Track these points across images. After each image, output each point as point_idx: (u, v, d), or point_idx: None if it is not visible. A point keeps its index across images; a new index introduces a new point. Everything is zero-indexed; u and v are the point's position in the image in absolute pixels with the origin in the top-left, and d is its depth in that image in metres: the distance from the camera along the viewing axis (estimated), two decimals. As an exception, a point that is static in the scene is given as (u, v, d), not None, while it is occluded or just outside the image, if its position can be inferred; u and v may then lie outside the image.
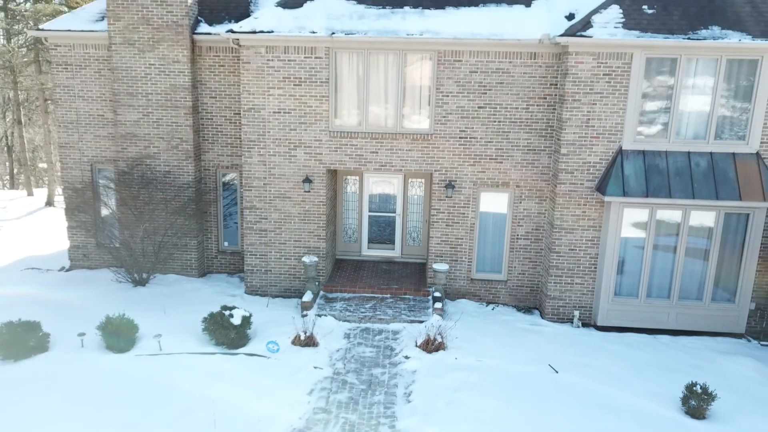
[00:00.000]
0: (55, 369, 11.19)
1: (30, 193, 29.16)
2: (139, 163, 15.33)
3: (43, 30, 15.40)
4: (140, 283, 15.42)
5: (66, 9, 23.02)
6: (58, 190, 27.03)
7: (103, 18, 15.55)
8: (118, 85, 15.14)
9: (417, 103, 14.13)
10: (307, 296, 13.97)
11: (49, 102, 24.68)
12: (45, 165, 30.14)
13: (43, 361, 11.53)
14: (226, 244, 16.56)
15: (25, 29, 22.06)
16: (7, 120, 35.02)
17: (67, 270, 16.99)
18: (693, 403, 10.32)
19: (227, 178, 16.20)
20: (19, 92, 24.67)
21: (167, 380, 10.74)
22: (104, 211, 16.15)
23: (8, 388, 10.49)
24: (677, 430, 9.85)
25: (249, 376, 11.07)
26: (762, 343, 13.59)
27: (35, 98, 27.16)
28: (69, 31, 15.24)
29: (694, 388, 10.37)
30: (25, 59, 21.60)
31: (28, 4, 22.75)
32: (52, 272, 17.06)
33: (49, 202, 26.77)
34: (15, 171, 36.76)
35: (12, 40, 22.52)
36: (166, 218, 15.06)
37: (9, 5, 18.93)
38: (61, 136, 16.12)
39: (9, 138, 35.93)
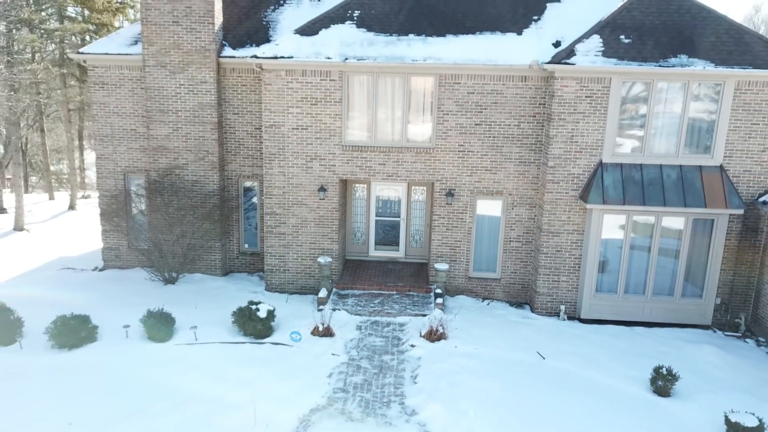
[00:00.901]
0: (105, 357, 12.72)
1: (51, 197, 30.66)
2: (170, 173, 16.86)
3: (83, 53, 16.93)
4: (170, 281, 16.96)
5: (91, 26, 24.50)
6: (79, 194, 28.52)
7: (136, 42, 17.09)
8: (151, 102, 16.68)
9: (420, 120, 15.71)
10: (323, 293, 15.53)
11: (71, 112, 26.15)
12: (67, 171, 31.53)
13: (94, 350, 13.06)
14: (246, 246, 18.11)
15: (65, 50, 23.46)
16: (22, 126, 36.44)
17: (101, 269, 18.49)
18: (659, 383, 11.92)
19: (247, 186, 17.75)
20: (42, 104, 26.08)
21: (206, 365, 12.30)
22: (136, 216, 17.68)
23: (65, 373, 12.01)
24: (644, 406, 11.47)
25: (276, 362, 12.62)
26: (726, 333, 15.19)
27: (55, 110, 28.59)
28: (106, 54, 16.78)
29: (661, 371, 11.97)
30: (53, 75, 23.01)
31: (56, 23, 24.20)
32: (86, 272, 18.56)
33: (72, 206, 28.26)
34: (30, 176, 38.18)
35: (37, 56, 23.92)
36: (194, 223, 16.59)
37: (41, 24, 20.34)
38: (97, 148, 17.65)
39: (23, 143, 37.35)
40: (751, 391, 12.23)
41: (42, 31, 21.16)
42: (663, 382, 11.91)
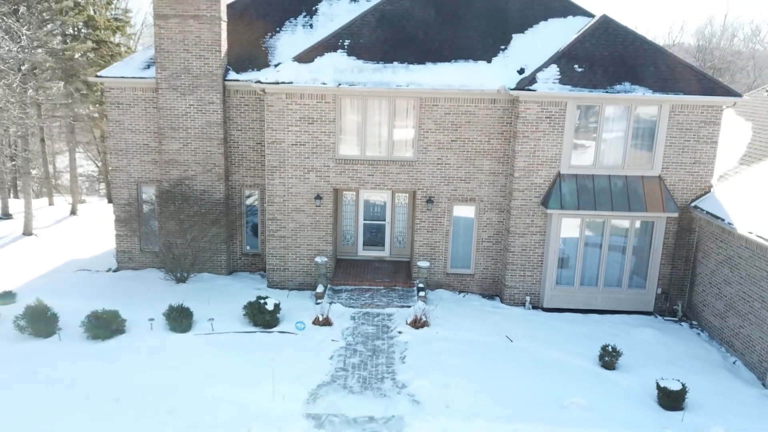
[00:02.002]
0: (136, 345, 14.60)
1: (51, 203, 32.00)
2: (180, 184, 18.69)
3: (101, 77, 18.67)
4: (181, 280, 18.79)
5: (92, 44, 25.99)
6: (83, 199, 29.96)
7: (148, 66, 18.87)
8: (163, 121, 18.50)
9: (404, 137, 17.84)
10: (320, 288, 17.56)
11: (74, 124, 27.62)
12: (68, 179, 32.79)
13: (125, 340, 14.91)
14: (248, 248, 20.03)
15: (83, 74, 24.94)
16: (11, 132, 37.55)
17: (115, 270, 20.21)
18: (606, 358, 14.25)
19: (249, 194, 19.66)
20: (43, 116, 27.45)
21: (225, 350, 14.27)
22: (149, 222, 19.44)
23: (97, 360, 13.81)
24: (593, 377, 13.79)
25: (285, 347, 14.63)
26: (665, 318, 17.62)
27: (58, 123, 29.98)
28: (122, 78, 18.54)
29: (607, 348, 14.31)
30: (62, 91, 24.47)
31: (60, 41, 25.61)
32: (101, 273, 20.25)
33: (73, 211, 29.72)
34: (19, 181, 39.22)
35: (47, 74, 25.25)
36: (204, 228, 18.45)
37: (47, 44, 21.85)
38: (113, 161, 19.41)
39: (12, 147, 38.42)
40: (681, 365, 14.63)
41: (52, 50, 22.63)
42: (609, 358, 14.25)
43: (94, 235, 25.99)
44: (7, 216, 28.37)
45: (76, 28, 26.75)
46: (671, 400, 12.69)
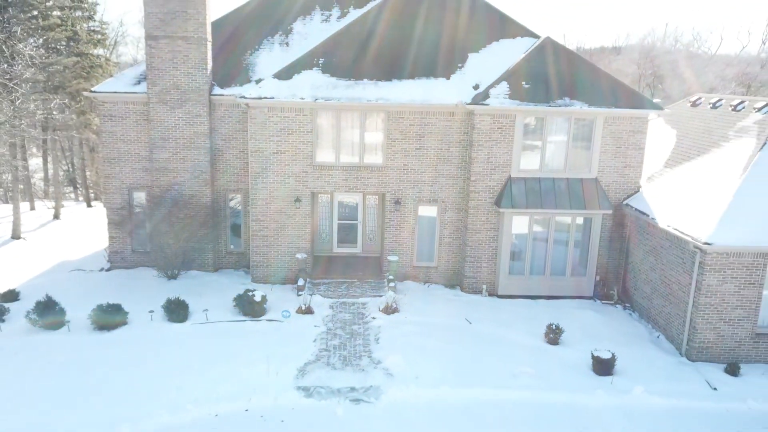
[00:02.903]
0: (140, 334, 16.23)
1: (32, 207, 32.87)
2: (170, 189, 20.26)
3: (96, 92, 20.11)
4: (172, 277, 20.37)
5: (78, 58, 27.08)
6: (62, 204, 30.97)
7: (139, 82, 20.38)
8: (154, 132, 20.05)
9: (373, 145, 19.81)
10: (300, 282, 19.41)
11: (57, 132, 28.68)
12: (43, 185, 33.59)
13: (129, 330, 16.51)
14: (232, 246, 21.70)
15: (68, 86, 26.07)
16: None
17: (108, 270, 21.62)
18: (551, 336, 16.51)
19: (232, 197, 21.34)
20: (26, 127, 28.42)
21: (221, 336, 16.01)
22: (140, 224, 20.94)
23: (106, 348, 15.44)
24: (539, 351, 16.02)
25: (273, 333, 16.46)
26: (603, 302, 19.99)
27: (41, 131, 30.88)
28: (116, 92, 20.02)
29: (552, 327, 16.57)
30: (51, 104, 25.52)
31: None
32: (95, 272, 21.63)
33: (56, 216, 30.74)
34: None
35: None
36: (192, 229, 20.05)
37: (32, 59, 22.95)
38: (106, 169, 20.84)
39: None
40: (613, 340, 16.95)
41: (35, 62, 23.72)
42: (553, 335, 16.52)
43: (80, 238, 27.17)
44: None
45: (60, 43, 27.84)
46: (603, 367, 15.01)
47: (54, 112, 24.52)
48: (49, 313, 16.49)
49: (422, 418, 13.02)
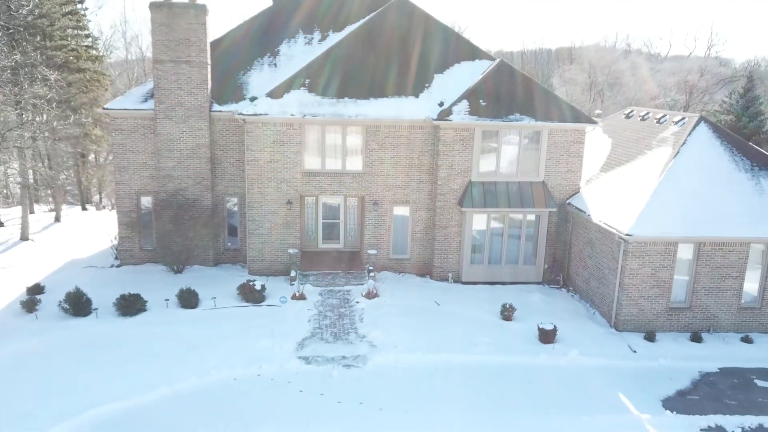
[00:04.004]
0: (158, 318, 18.81)
1: (32, 211, 34.75)
2: (175, 194, 22.78)
3: (107, 109, 22.54)
4: (178, 271, 22.91)
5: (79, 75, 29.29)
6: (63, 208, 33.02)
7: (146, 99, 22.86)
8: (161, 144, 22.56)
9: (355, 155, 22.68)
10: (293, 273, 22.17)
11: (57, 141, 30.75)
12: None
13: (148, 316, 19.05)
14: (229, 244, 24.32)
15: (73, 100, 28.24)
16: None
17: (118, 266, 24.01)
18: (505, 313, 19.66)
19: (229, 200, 23.96)
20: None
21: (229, 319, 18.73)
22: (147, 225, 23.40)
23: (132, 329, 18.00)
24: (495, 325, 19.15)
25: (273, 315, 19.22)
26: (550, 286, 23.28)
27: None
28: (125, 109, 22.47)
29: (506, 305, 19.73)
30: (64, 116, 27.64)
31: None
32: (106, 268, 23.99)
33: (57, 218, 32.76)
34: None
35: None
36: (195, 229, 22.60)
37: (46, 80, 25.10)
38: (117, 177, 23.26)
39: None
40: (557, 316, 20.16)
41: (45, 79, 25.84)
42: (507, 313, 19.68)
43: (82, 239, 29.37)
44: (-1, 224, 31.19)
45: (63, 60, 29.93)
46: (546, 336, 18.21)
47: (68, 126, 26.72)
48: (78, 302, 18.94)
49: (401, 378, 16.00)
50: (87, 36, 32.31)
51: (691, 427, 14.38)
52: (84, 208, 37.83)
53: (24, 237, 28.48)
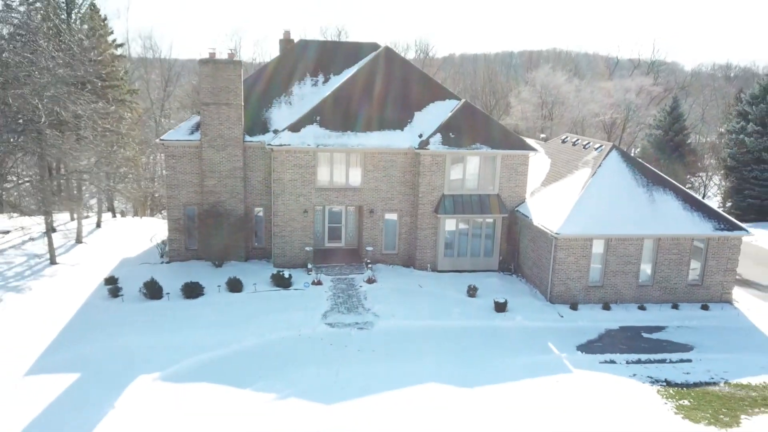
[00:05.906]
0: (215, 300, 24.62)
1: (72, 218, 39.73)
2: (216, 206, 28.53)
3: (164, 140, 28.22)
4: (218, 265, 28.65)
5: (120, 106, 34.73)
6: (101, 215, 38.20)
7: (192, 132, 28.55)
8: (205, 167, 28.28)
9: (356, 174, 28.80)
10: (309, 266, 28.17)
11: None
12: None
13: (206, 298, 24.79)
14: (256, 244, 30.18)
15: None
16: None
17: (168, 262, 29.58)
18: (470, 292, 26.02)
19: (257, 210, 29.81)
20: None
21: (268, 299, 24.69)
22: (192, 230, 29.08)
23: (198, 308, 23.80)
24: (463, 301, 25.48)
25: (300, 296, 25.19)
26: (504, 273, 29.70)
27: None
28: (177, 140, 28.17)
29: (471, 286, 26.11)
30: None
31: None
32: (158, 265, 29.53)
33: (98, 224, 37.93)
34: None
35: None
36: (231, 233, 28.39)
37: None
38: (168, 192, 28.92)
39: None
40: (508, 294, 26.52)
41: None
42: (472, 292, 26.07)
43: (124, 241, 34.74)
44: (53, 230, 36.15)
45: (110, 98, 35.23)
46: (500, 307, 24.64)
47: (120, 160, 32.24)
48: (153, 288, 24.63)
49: (399, 336, 22.20)
50: (122, 79, 37.51)
51: (593, 362, 20.95)
52: (114, 215, 42.97)
53: (78, 240, 33.73)
